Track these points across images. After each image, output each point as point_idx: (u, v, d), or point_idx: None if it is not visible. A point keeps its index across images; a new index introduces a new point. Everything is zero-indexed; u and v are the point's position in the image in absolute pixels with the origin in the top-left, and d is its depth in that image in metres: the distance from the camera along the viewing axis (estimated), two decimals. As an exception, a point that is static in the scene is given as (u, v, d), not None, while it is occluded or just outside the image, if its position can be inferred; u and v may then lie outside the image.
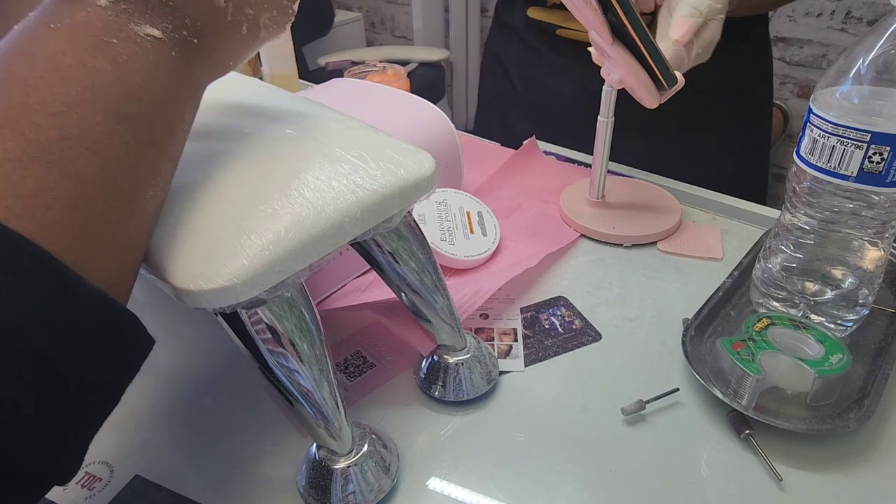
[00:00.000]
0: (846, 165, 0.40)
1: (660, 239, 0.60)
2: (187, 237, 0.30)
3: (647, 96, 0.52)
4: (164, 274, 0.29)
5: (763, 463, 0.39)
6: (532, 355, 0.47)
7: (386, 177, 0.34)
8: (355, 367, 0.47)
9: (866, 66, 0.40)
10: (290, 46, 0.84)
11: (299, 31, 0.86)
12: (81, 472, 0.39)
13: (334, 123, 0.39)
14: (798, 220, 0.45)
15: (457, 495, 0.38)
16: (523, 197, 0.66)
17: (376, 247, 0.38)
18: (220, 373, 0.47)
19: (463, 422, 0.42)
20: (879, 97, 0.40)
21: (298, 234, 0.30)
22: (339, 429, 0.35)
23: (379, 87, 0.64)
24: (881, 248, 0.44)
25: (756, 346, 0.42)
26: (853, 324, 0.47)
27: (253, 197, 0.32)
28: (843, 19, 1.71)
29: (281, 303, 0.31)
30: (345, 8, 2.67)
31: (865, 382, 0.43)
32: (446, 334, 0.42)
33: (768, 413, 0.40)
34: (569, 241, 0.59)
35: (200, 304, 0.28)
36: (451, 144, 0.60)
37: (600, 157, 0.60)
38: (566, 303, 0.52)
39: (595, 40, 0.52)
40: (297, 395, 0.32)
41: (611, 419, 0.42)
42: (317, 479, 0.36)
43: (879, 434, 0.41)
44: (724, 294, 0.50)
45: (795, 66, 1.84)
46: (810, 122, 0.42)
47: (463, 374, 0.43)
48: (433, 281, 0.39)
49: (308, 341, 0.32)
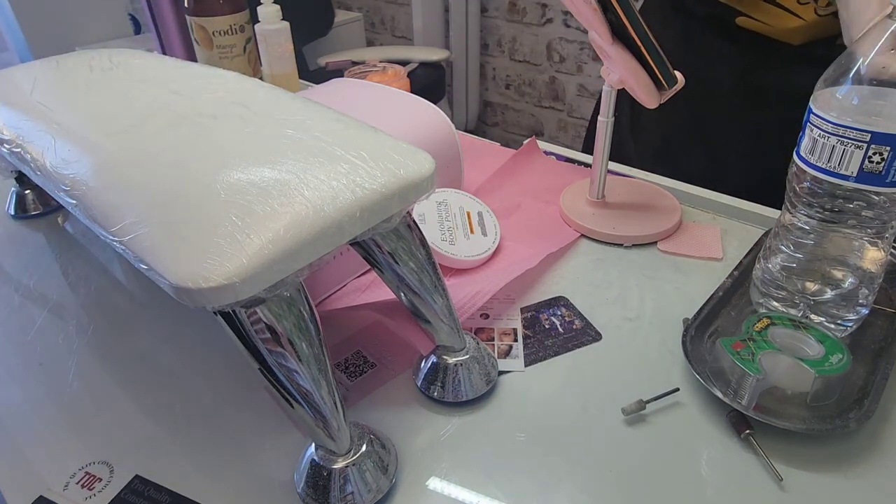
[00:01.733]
0: (846, 165, 0.40)
1: (660, 239, 0.60)
2: (186, 236, 0.30)
3: (647, 96, 0.52)
4: (163, 272, 0.29)
5: (763, 463, 0.39)
6: (532, 355, 0.47)
7: (385, 177, 0.34)
8: (356, 367, 0.46)
9: (866, 66, 0.40)
10: (290, 46, 0.84)
11: (299, 31, 0.87)
12: (81, 472, 0.39)
13: (334, 123, 0.39)
14: (798, 220, 0.45)
15: (456, 495, 0.38)
16: (523, 197, 0.66)
17: (376, 247, 0.38)
18: (220, 373, 0.47)
19: (462, 422, 0.42)
20: (879, 97, 0.40)
21: (298, 233, 0.30)
22: (338, 429, 0.34)
23: (379, 87, 0.64)
24: (881, 248, 0.44)
25: (756, 346, 0.42)
26: (853, 324, 0.46)
27: (252, 195, 0.32)
28: (843, 19, 1.71)
29: (280, 302, 0.31)
30: (345, 8, 2.68)
31: (865, 382, 0.43)
32: (445, 335, 0.42)
33: (768, 413, 0.40)
34: (569, 241, 0.59)
35: (199, 303, 0.28)
36: (451, 144, 0.60)
37: (600, 157, 0.60)
38: (566, 303, 0.52)
39: (595, 40, 0.52)
40: (296, 395, 0.32)
41: (611, 419, 0.42)
42: (315, 480, 0.36)
43: (879, 434, 0.41)
44: (724, 294, 0.50)
45: (796, 66, 1.84)
46: (810, 122, 0.42)
47: (462, 375, 0.43)
48: (432, 281, 0.39)
49: (307, 341, 0.32)
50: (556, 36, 2.21)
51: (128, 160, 0.37)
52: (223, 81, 0.47)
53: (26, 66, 0.54)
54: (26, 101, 0.46)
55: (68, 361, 0.48)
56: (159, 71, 0.50)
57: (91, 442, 0.42)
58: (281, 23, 0.82)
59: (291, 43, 0.85)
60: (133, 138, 0.39)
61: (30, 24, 1.34)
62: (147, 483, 0.39)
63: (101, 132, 0.40)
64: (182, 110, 0.41)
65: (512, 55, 2.36)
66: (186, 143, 0.37)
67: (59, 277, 0.58)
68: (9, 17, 1.32)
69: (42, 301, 0.55)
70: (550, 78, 2.31)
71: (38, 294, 0.56)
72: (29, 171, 0.41)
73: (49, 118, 0.43)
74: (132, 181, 0.35)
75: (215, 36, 0.82)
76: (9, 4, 1.30)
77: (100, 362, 0.48)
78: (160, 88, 0.46)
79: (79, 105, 0.45)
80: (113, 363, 0.48)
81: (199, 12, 0.80)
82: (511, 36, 2.32)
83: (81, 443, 0.42)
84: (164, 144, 0.37)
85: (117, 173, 0.36)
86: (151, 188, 0.34)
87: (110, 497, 0.38)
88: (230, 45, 0.83)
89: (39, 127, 0.42)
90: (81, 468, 0.40)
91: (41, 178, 0.40)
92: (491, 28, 2.36)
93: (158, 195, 0.33)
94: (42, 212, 0.67)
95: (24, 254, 0.61)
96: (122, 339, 0.51)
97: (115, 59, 0.53)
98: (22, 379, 0.47)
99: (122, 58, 0.53)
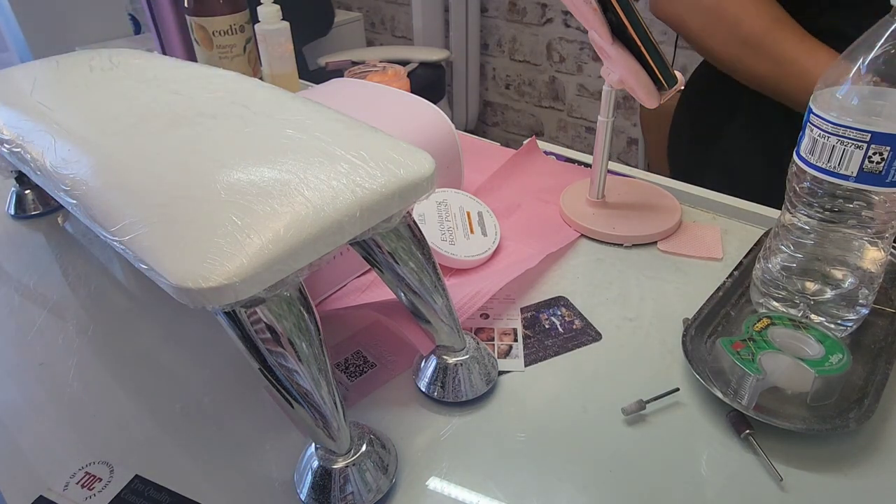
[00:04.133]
0: (846, 165, 0.40)
1: (660, 239, 0.60)
2: (186, 236, 0.30)
3: (647, 96, 0.52)
4: (163, 272, 0.29)
5: (763, 463, 0.39)
6: (532, 355, 0.47)
7: (385, 177, 0.34)
8: (356, 367, 0.46)
9: (866, 66, 0.40)
10: (290, 46, 0.84)
11: (299, 31, 0.87)
12: (81, 472, 0.39)
13: (334, 123, 0.39)
14: (798, 220, 0.45)
15: (457, 495, 0.38)
16: (523, 197, 0.66)
17: (376, 247, 0.38)
18: (220, 373, 0.47)
19: (463, 422, 0.42)
20: (879, 97, 0.40)
21: (298, 232, 0.30)
22: (338, 429, 0.34)
23: (379, 87, 0.64)
24: (881, 248, 0.44)
25: (756, 346, 0.42)
26: (853, 324, 0.46)
27: (252, 195, 0.32)
28: (843, 19, 1.71)
29: (280, 302, 0.31)
30: (345, 8, 2.68)
31: (865, 382, 0.43)
32: (445, 335, 0.42)
33: (768, 413, 0.40)
34: (569, 241, 0.59)
35: (199, 303, 0.28)
36: (451, 144, 0.60)
37: (600, 157, 0.60)
38: (566, 303, 0.52)
39: (595, 40, 0.52)
40: (296, 395, 0.32)
41: (611, 419, 0.42)
42: (315, 480, 0.36)
43: (879, 434, 0.41)
44: (724, 294, 0.50)
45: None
46: (810, 121, 0.42)
47: (462, 375, 0.43)
48: (432, 281, 0.39)
49: (307, 341, 0.32)
50: (556, 36, 2.21)
51: (128, 160, 0.37)
52: (223, 81, 0.47)
53: (26, 66, 0.54)
54: (26, 101, 0.46)
55: (68, 361, 0.48)
56: (159, 71, 0.50)
57: (91, 442, 0.42)
58: (281, 23, 0.82)
59: (291, 43, 0.85)
60: (133, 138, 0.39)
61: (30, 24, 1.34)
62: (147, 483, 0.39)
63: (101, 132, 0.40)
64: (182, 110, 0.41)
65: (512, 55, 2.37)
66: (186, 143, 0.37)
67: (59, 277, 0.58)
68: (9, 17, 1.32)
69: (42, 301, 0.55)
70: (550, 78, 2.31)
71: (38, 294, 0.56)
72: (29, 171, 0.41)
73: (49, 118, 0.43)
74: (132, 181, 0.35)
75: (215, 36, 0.82)
76: (9, 4, 1.30)
77: (100, 362, 0.48)
78: (160, 88, 0.46)
79: (79, 105, 0.45)
80: (113, 363, 0.48)
81: (199, 12, 0.80)
82: (511, 36, 2.32)
83: (81, 443, 0.42)
84: (164, 144, 0.37)
85: (117, 173, 0.36)
86: (151, 188, 0.34)
87: (110, 497, 0.38)
88: (230, 45, 0.83)
89: (39, 127, 0.42)
90: (81, 468, 0.40)
91: (41, 178, 0.40)
92: (491, 28, 2.36)
93: (158, 195, 0.33)
94: (42, 212, 0.67)
95: (24, 254, 0.61)
96: (122, 339, 0.51)
97: (115, 59, 0.53)
98: (22, 379, 0.47)
99: (122, 58, 0.53)
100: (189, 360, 0.48)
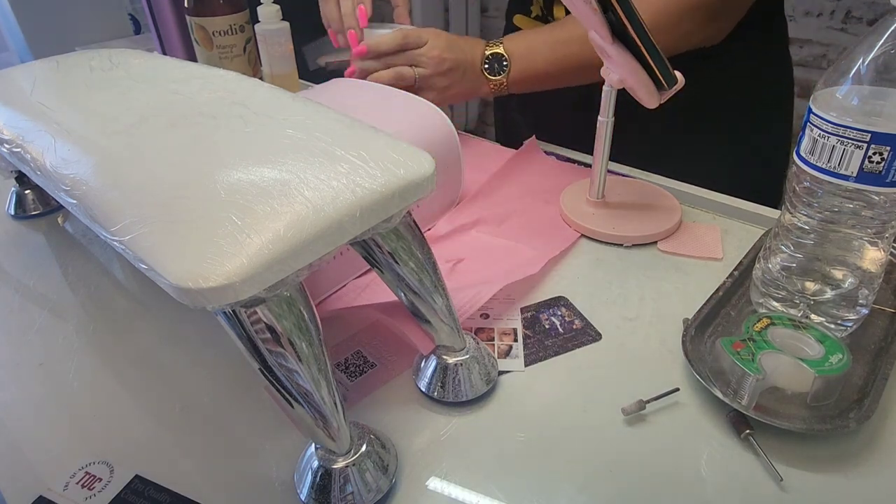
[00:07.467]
0: (846, 165, 0.40)
1: (660, 239, 0.60)
2: (186, 236, 0.30)
3: (647, 96, 0.52)
4: (163, 272, 0.29)
5: (763, 463, 0.39)
6: (532, 355, 0.47)
7: (385, 176, 0.34)
8: (356, 367, 0.46)
9: (866, 66, 0.40)
10: (290, 46, 0.85)
11: (299, 31, 0.87)
12: (81, 472, 0.39)
13: (334, 123, 0.39)
14: (798, 220, 0.45)
15: (457, 495, 0.38)
16: (523, 197, 0.66)
17: (376, 247, 0.38)
18: (220, 373, 0.47)
19: (463, 422, 0.42)
20: (879, 97, 0.40)
21: (298, 232, 0.30)
22: (338, 429, 0.34)
23: (379, 87, 0.64)
24: (881, 248, 0.44)
25: (756, 346, 0.42)
26: (853, 324, 0.46)
27: (252, 195, 0.32)
28: (843, 19, 1.71)
29: (280, 302, 0.31)
30: (345, 8, 2.67)
31: (865, 382, 0.43)
32: (445, 335, 0.42)
33: (768, 413, 0.40)
34: (569, 243, 0.59)
35: (199, 303, 0.28)
36: (451, 144, 0.60)
37: (600, 157, 0.60)
38: (566, 303, 0.52)
39: (595, 40, 0.52)
40: (296, 395, 0.32)
41: (611, 419, 0.42)
42: (315, 480, 0.36)
43: (879, 434, 0.41)
44: (724, 294, 0.50)
45: (795, 66, 1.83)
46: (810, 122, 0.42)
47: (462, 375, 0.43)
48: (432, 281, 0.39)
49: (307, 341, 0.32)
50: (556, 36, 2.21)
51: (128, 160, 0.37)
52: (223, 81, 0.47)
53: (26, 66, 0.54)
54: (26, 101, 0.46)
55: (68, 361, 0.48)
56: (159, 71, 0.50)
57: (91, 442, 0.42)
58: (281, 23, 0.82)
59: (291, 43, 0.85)
60: (133, 138, 0.39)
61: (30, 24, 1.34)
62: (147, 483, 0.39)
63: (102, 132, 0.40)
64: (182, 110, 0.41)
65: (512, 55, 2.36)
66: (186, 142, 0.37)
67: (59, 277, 0.58)
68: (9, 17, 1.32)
69: (42, 301, 0.55)
70: (550, 78, 2.31)
71: (38, 294, 0.56)
72: (29, 171, 0.41)
73: (49, 118, 0.43)
74: (132, 181, 0.35)
75: (215, 36, 0.82)
76: (9, 4, 1.30)
77: (100, 362, 0.48)
78: (160, 88, 0.46)
79: (79, 105, 0.45)
80: (113, 363, 0.48)
81: (199, 12, 0.81)
82: (511, 36, 2.32)
83: (81, 443, 0.42)
84: (164, 144, 0.37)
85: (117, 173, 0.36)
86: (151, 188, 0.34)
87: (110, 497, 0.38)
88: (230, 45, 0.83)
89: (39, 127, 0.42)
90: (81, 468, 0.40)
91: (41, 178, 0.40)
92: (491, 28, 2.36)
93: (158, 195, 0.33)
94: (42, 212, 0.67)
95: (24, 254, 0.61)
96: (122, 339, 0.51)
97: (115, 59, 0.53)
98: (22, 379, 0.47)
99: (122, 58, 0.53)
100: (189, 360, 0.48)
